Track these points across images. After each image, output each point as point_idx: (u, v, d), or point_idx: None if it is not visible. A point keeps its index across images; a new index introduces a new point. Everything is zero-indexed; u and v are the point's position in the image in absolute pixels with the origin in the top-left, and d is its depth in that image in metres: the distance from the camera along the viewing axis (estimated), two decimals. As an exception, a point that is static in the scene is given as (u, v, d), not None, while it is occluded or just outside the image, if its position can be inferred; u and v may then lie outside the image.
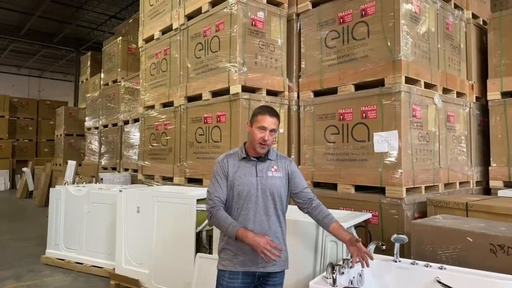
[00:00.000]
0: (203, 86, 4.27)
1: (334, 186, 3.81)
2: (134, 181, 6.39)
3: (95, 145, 8.77)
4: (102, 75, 9.14)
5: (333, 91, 3.88)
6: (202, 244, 3.46)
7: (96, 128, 8.75)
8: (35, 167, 11.73)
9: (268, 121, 2.00)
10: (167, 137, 4.90)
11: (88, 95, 9.79)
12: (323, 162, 3.89)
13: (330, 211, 2.16)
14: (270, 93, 4.13)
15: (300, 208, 2.21)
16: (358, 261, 1.95)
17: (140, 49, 5.62)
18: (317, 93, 4.10)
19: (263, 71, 4.05)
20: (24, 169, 12.10)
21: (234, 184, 2.01)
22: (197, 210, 3.25)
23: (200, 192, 3.36)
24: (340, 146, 3.75)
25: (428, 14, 3.76)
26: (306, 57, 4.19)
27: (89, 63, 11.81)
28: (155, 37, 5.19)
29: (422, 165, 3.54)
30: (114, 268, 3.84)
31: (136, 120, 6.85)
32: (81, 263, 4.32)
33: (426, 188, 3.59)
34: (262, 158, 2.07)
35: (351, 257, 1.97)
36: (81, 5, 12.41)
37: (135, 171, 6.46)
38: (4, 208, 9.28)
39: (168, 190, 3.99)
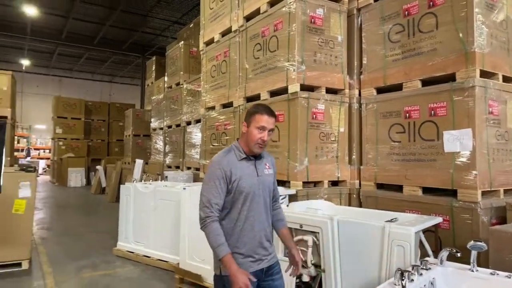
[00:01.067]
0: (261, 86, 4.30)
1: (399, 188, 3.62)
2: (196, 179, 6.63)
3: (160, 144, 9.25)
4: (166, 78, 9.61)
5: (397, 87, 3.68)
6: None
7: (161, 128, 9.23)
8: (107, 165, 12.70)
9: (267, 120, 1.97)
10: (227, 137, 5.02)
11: (153, 97, 10.34)
12: (387, 162, 3.72)
13: (396, 214, 2.06)
14: (329, 91, 4.04)
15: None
16: (290, 269, 2.13)
17: (201, 52, 5.82)
18: (380, 90, 3.92)
19: (322, 68, 3.97)
20: (97, 167, 13.15)
21: (240, 186, 1.96)
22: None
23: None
24: (406, 146, 3.55)
25: (506, 1, 3.41)
26: (368, 53, 4.03)
27: (154, 67, 12.47)
28: (215, 40, 5.34)
29: (501, 166, 3.23)
30: (178, 263, 4.01)
31: (197, 121, 7.10)
32: (149, 256, 4.59)
33: (506, 191, 3.27)
34: (257, 156, 2.07)
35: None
36: (146, 12, 13.19)
37: (197, 169, 6.70)
38: (81, 203, 10.18)
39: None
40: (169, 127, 8.70)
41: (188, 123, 7.63)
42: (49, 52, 18.10)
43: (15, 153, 19.40)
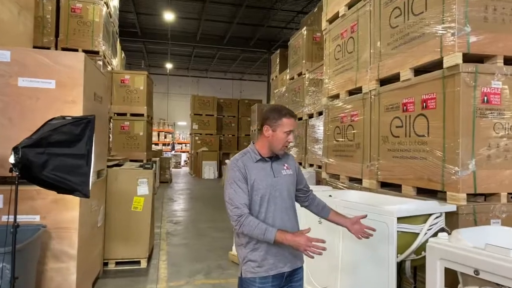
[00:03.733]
0: (401, 63, 3.26)
1: None
2: (318, 178, 5.90)
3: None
4: (288, 69, 9.10)
5: None
6: (405, 277, 2.53)
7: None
8: (235, 159, 13.00)
9: (294, 123, 2.00)
10: (354, 131, 4.10)
11: (276, 91, 9.97)
12: None
13: None
14: (509, 61, 2.75)
15: (301, 201, 2.23)
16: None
17: (324, 32, 5.00)
18: None
19: (498, 29, 2.71)
20: (226, 161, 13.58)
21: (256, 188, 1.95)
22: (399, 231, 2.33)
23: (404, 206, 2.45)
24: None
25: None
26: None
27: (278, 60, 12.15)
28: (340, 14, 4.45)
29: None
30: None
31: (320, 113, 6.32)
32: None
33: None
34: (274, 157, 2.04)
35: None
36: (271, 5, 12.96)
37: (320, 167, 5.94)
38: (211, 195, 10.53)
39: (357, 200, 3.18)
40: (292, 120, 8.12)
41: (310, 116, 6.91)
42: (187, 55, 19.75)
43: (163, 147, 22.12)
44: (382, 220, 2.37)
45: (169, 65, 21.33)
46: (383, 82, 3.63)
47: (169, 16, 13.57)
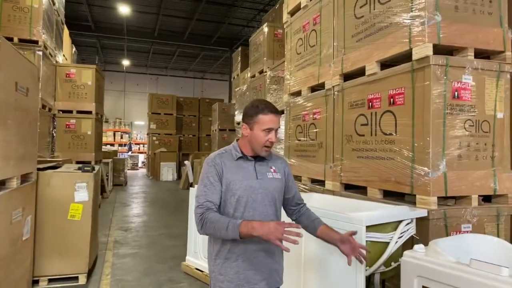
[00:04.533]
0: (366, 56, 3.03)
1: None
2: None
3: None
4: (249, 67, 8.80)
5: None
6: (373, 292, 2.27)
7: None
8: (194, 160, 12.50)
9: (273, 120, 1.72)
10: (316, 129, 3.84)
11: (237, 89, 9.64)
12: None
13: None
14: (480, 54, 2.59)
15: (289, 214, 1.95)
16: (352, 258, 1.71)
17: (285, 25, 4.72)
18: None
19: (469, 19, 2.54)
20: (185, 162, 13.05)
21: (232, 188, 1.71)
22: (367, 241, 2.06)
23: (374, 213, 2.18)
24: None
25: None
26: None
27: (239, 58, 11.83)
28: (302, 5, 4.19)
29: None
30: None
31: (282, 112, 6.05)
32: (219, 278, 3.69)
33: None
34: (259, 157, 1.79)
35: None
36: (232, 2, 12.61)
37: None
38: (167, 199, 9.98)
39: (319, 204, 2.88)
40: (252, 120, 7.82)
41: (272, 115, 6.62)
42: (145, 51, 18.91)
43: (119, 148, 21.05)
44: (349, 229, 2.08)
45: (126, 62, 20.33)
46: (347, 77, 3.40)
47: (124, 9, 12.83)
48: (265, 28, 7.62)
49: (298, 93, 4.32)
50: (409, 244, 2.37)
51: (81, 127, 7.19)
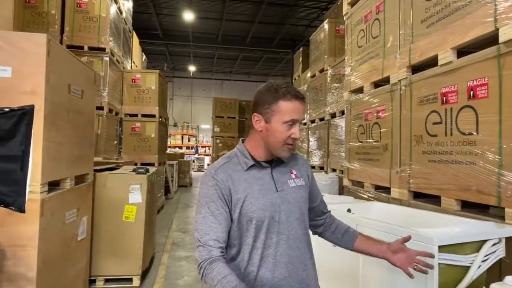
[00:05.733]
0: (439, 43, 2.58)
1: None
2: (341, 184, 5.24)
3: (304, 142, 8.19)
4: (309, 67, 8.48)
5: None
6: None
7: (305, 124, 8.13)
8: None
9: (300, 109, 1.30)
10: (381, 130, 3.43)
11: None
12: None
13: None
14: None
15: (312, 227, 1.53)
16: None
17: (345, 17, 4.36)
18: None
19: None
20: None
21: (248, 211, 1.27)
22: (441, 264, 1.68)
23: (449, 230, 1.79)
24: None
25: None
26: None
27: (300, 59, 11.52)
28: (363, -6, 3.81)
29: None
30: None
31: (343, 112, 5.66)
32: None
33: None
34: (276, 161, 1.38)
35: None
36: (294, 2, 12.37)
37: (342, 172, 5.27)
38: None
39: (381, 217, 2.51)
40: (313, 121, 7.51)
41: (333, 116, 6.25)
42: (210, 57, 19.46)
43: (186, 150, 21.91)
44: (417, 249, 1.72)
45: (192, 68, 21.13)
46: (416, 69, 2.96)
47: (189, 16, 13.27)
48: (326, 25, 7.25)
49: (360, 90, 3.93)
50: (496, 269, 1.92)
51: (145, 130, 7.46)
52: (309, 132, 7.71)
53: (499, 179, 2.08)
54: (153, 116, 7.48)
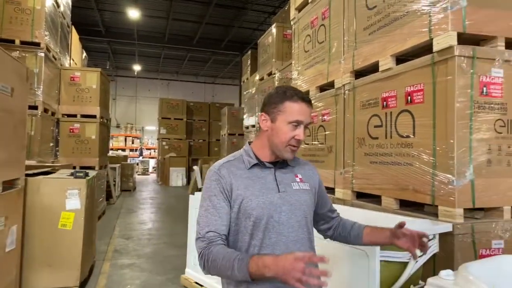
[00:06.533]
0: (380, 50, 2.72)
1: None
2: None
3: (251, 144, 8.24)
4: (258, 70, 8.56)
5: None
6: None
7: (253, 126, 8.19)
8: (203, 165, 12.28)
9: (305, 111, 1.33)
10: (326, 132, 3.54)
11: (245, 92, 9.42)
12: None
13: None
14: (511, 44, 2.26)
15: (323, 232, 1.59)
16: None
17: (292, 22, 4.45)
18: None
19: (499, 4, 2.22)
20: (194, 167, 12.84)
21: (247, 208, 1.30)
22: (382, 261, 1.76)
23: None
24: None
25: None
26: None
27: (249, 62, 11.59)
28: (309, 0, 3.91)
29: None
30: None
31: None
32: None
33: None
34: (280, 162, 1.40)
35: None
36: (242, 5, 12.42)
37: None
38: (175, 205, 9.76)
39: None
40: (261, 124, 7.56)
41: (281, 118, 6.35)
42: (156, 56, 18.88)
43: (130, 153, 21.01)
44: (357, 249, 1.78)
45: (137, 67, 20.37)
46: (360, 75, 3.10)
47: (134, 14, 12.76)
48: (273, 29, 7.38)
49: (306, 94, 4.03)
50: (431, 264, 2.05)
51: (85, 131, 7.03)
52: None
53: (433, 179, 2.23)
54: (94, 116, 7.07)
